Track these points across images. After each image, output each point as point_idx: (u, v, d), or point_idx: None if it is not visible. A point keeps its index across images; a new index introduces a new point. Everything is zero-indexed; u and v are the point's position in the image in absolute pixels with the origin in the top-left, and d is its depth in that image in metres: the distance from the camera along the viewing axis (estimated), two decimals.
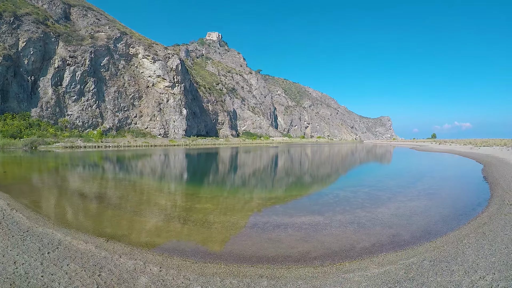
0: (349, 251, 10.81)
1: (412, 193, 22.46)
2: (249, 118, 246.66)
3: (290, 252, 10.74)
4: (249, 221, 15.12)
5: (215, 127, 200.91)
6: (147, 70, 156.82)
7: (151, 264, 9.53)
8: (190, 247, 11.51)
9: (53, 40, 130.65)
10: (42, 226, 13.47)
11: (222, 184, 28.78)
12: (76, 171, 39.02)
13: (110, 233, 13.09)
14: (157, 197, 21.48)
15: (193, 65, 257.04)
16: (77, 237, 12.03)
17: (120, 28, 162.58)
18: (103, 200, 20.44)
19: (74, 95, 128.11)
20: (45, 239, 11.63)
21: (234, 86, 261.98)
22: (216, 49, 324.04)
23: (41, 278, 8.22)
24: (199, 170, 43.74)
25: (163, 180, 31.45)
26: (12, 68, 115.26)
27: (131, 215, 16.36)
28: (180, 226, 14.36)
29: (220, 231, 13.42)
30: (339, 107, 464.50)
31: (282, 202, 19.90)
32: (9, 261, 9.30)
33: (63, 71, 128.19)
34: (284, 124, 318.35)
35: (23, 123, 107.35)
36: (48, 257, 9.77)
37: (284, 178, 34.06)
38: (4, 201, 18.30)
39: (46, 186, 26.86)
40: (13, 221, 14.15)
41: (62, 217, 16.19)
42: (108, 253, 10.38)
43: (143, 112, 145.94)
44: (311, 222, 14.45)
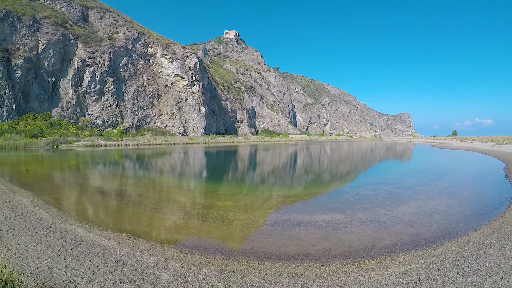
0: (370, 249, 10.75)
1: (433, 191, 22.14)
2: (267, 115, 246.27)
3: (311, 250, 10.71)
4: (270, 218, 15.10)
5: (234, 125, 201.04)
6: (165, 69, 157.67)
7: (173, 261, 9.57)
8: (210, 244, 11.54)
9: (72, 42, 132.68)
10: (65, 222, 13.69)
11: (242, 182, 28.76)
12: (96, 169, 39.46)
13: (132, 230, 13.22)
14: (177, 195, 21.55)
15: (211, 63, 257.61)
16: (99, 234, 12.20)
17: (138, 28, 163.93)
18: (124, 198, 20.63)
19: (94, 95, 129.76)
20: (68, 235, 11.82)
21: (253, 84, 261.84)
22: (233, 47, 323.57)
23: (64, 273, 8.31)
24: (218, 167, 43.92)
25: (183, 178, 31.48)
26: (33, 69, 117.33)
27: (152, 212, 16.47)
28: (201, 223, 14.42)
29: (240, 229, 13.43)
30: (358, 104, 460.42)
31: (302, 199, 19.77)
32: (32, 257, 9.43)
33: (83, 71, 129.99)
34: (303, 122, 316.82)
35: (45, 123, 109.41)
36: (71, 252, 9.92)
37: (304, 176, 33.84)
38: (27, 199, 18.64)
39: (67, 183, 27.18)
40: (36, 217, 14.35)
41: (84, 214, 16.41)
42: (130, 249, 10.50)
43: (163, 111, 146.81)
44: (331, 220, 14.39)
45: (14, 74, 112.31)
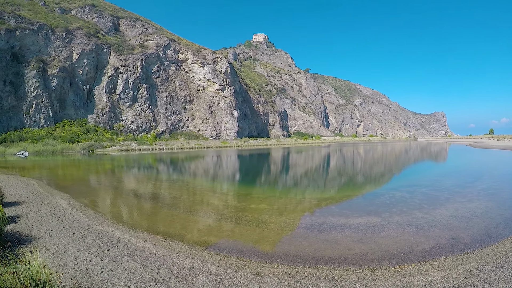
0: (407, 254, 10.59)
1: (471, 193, 21.68)
2: (299, 118, 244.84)
3: (348, 254, 10.63)
4: (305, 221, 15.04)
5: (266, 128, 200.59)
6: (197, 74, 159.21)
7: (209, 263, 9.64)
8: (246, 247, 11.56)
9: (105, 51, 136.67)
10: (102, 224, 14.05)
11: (275, 185, 28.69)
12: (131, 173, 40.34)
13: (167, 232, 13.39)
14: (211, 198, 21.69)
15: (242, 67, 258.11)
16: (135, 236, 12.44)
17: (168, 35, 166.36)
18: (159, 200, 20.97)
19: (128, 101, 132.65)
20: (104, 236, 12.10)
21: (284, 87, 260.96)
22: (263, 50, 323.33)
23: (101, 274, 8.49)
24: (251, 170, 43.89)
25: (216, 181, 31.66)
26: (68, 78, 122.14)
27: (187, 215, 16.65)
28: (236, 226, 14.46)
29: (276, 232, 13.40)
30: (391, 103, 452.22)
31: (337, 202, 19.72)
32: (70, 257, 9.71)
33: (116, 79, 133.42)
34: (335, 123, 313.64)
35: (81, 128, 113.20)
36: (108, 254, 10.15)
37: (338, 178, 33.65)
38: (65, 201, 19.24)
39: (103, 186, 28.00)
40: (74, 219, 14.84)
41: (120, 216, 16.80)
42: (166, 251, 10.63)
43: (195, 115, 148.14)
44: (367, 224, 14.25)
45: (50, 83, 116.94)
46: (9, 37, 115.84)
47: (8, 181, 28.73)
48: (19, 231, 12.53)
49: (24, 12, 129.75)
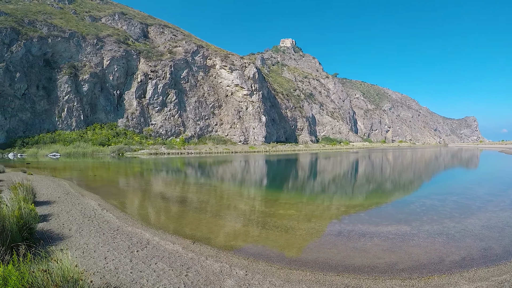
0: (437, 264, 10.38)
1: (504, 202, 21.12)
2: (328, 123, 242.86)
3: (377, 263, 10.49)
4: (334, 228, 14.97)
5: (294, 133, 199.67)
6: (225, 80, 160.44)
7: (237, 268, 9.63)
8: (274, 253, 11.56)
9: (135, 57, 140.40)
10: (131, 226, 14.22)
11: (304, 191, 28.57)
12: (159, 176, 40.95)
13: (196, 235, 13.53)
14: (238, 202, 21.86)
15: (270, 72, 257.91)
16: (164, 238, 12.52)
17: (196, 42, 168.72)
18: (186, 204, 21.28)
19: (157, 106, 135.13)
20: (134, 238, 12.23)
21: (312, 92, 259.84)
22: (291, 55, 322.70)
23: (130, 274, 8.57)
24: (279, 176, 43.86)
25: (244, 185, 31.71)
26: (99, 84, 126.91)
27: (216, 219, 16.78)
28: (264, 231, 14.47)
29: (304, 238, 13.39)
30: (420, 108, 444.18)
31: (367, 209, 19.57)
32: (100, 256, 9.81)
33: (146, 84, 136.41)
34: (364, 129, 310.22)
35: (111, 132, 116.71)
36: (137, 255, 10.24)
37: (366, 185, 33.36)
38: (95, 202, 19.47)
39: (132, 188, 28.59)
40: (104, 220, 15.00)
41: (148, 218, 17.11)
42: (194, 254, 10.68)
43: (223, 120, 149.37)
44: (397, 232, 14.05)
45: (82, 88, 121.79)
46: (41, 44, 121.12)
47: (40, 181, 29.13)
48: (50, 230, 12.74)
49: (55, 20, 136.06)
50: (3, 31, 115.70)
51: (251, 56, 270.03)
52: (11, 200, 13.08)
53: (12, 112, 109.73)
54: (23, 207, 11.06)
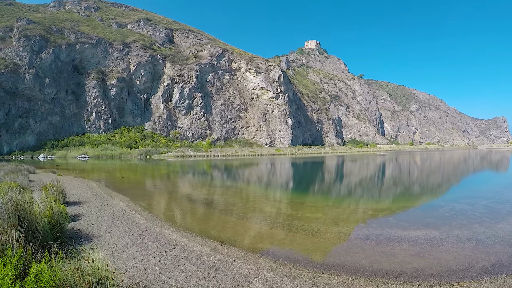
0: (467, 270, 10.21)
1: None
2: (354, 125, 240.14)
3: (405, 268, 10.39)
4: (362, 232, 14.90)
5: (321, 136, 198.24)
6: (250, 83, 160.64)
7: (265, 270, 9.66)
8: (302, 256, 11.57)
9: (161, 62, 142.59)
10: (159, 227, 14.43)
11: (331, 194, 28.46)
12: (186, 178, 41.62)
13: (223, 237, 13.60)
14: (265, 205, 21.92)
15: (295, 75, 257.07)
16: (192, 239, 12.68)
17: (221, 45, 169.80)
18: (214, 206, 21.45)
19: (184, 110, 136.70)
20: (162, 239, 12.41)
21: (338, 93, 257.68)
22: (315, 57, 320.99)
23: (158, 274, 8.69)
24: (305, 178, 43.70)
25: (271, 188, 31.70)
26: (126, 88, 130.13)
27: (243, 221, 16.87)
28: (291, 234, 14.47)
29: (332, 242, 13.39)
30: (448, 109, 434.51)
31: (395, 213, 19.39)
32: (129, 256, 10.06)
33: (172, 88, 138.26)
34: (391, 130, 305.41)
35: (138, 135, 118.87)
36: (165, 255, 10.39)
37: (394, 188, 33.07)
38: (124, 203, 19.94)
39: (160, 190, 29.04)
40: (132, 221, 15.33)
41: (176, 219, 17.34)
42: (222, 256, 10.76)
43: (249, 123, 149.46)
44: (426, 237, 13.86)
45: (109, 93, 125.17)
46: (69, 50, 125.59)
47: (70, 182, 29.88)
48: (80, 229, 13.03)
49: (82, 27, 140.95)
50: (32, 38, 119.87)
51: (276, 59, 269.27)
52: (42, 201, 13.10)
53: (42, 116, 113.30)
54: (54, 207, 11.26)
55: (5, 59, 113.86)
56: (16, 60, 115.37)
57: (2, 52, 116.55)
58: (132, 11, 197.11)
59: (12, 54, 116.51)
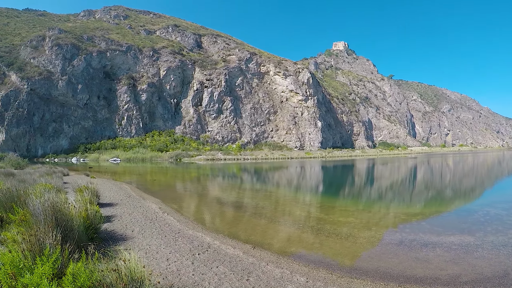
0: (502, 278, 9.89)
1: None
2: (385, 127, 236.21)
3: (439, 274, 10.20)
4: (395, 237, 14.73)
5: (351, 138, 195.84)
6: (279, 86, 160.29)
7: (298, 274, 9.59)
8: (335, 260, 11.54)
9: (190, 67, 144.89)
10: (192, 229, 14.57)
11: (362, 198, 28.27)
12: (216, 181, 42.21)
13: (254, 240, 13.66)
14: (296, 208, 21.87)
15: (324, 77, 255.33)
16: (224, 242, 12.69)
17: (249, 49, 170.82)
18: (245, 209, 21.63)
19: (213, 113, 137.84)
20: (195, 241, 12.50)
21: (367, 95, 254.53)
22: (344, 58, 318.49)
23: (192, 276, 8.75)
24: (336, 182, 43.59)
25: (301, 192, 31.52)
26: (157, 93, 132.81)
27: (275, 225, 16.90)
28: (324, 238, 14.39)
29: (365, 246, 13.27)
30: (481, 109, 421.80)
31: (428, 218, 19.12)
32: (162, 258, 10.16)
33: (202, 92, 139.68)
34: (422, 132, 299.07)
35: (169, 138, 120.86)
36: (198, 258, 10.46)
37: (427, 192, 32.45)
38: (156, 205, 20.17)
39: (190, 193, 29.56)
40: (165, 223, 15.46)
41: (208, 222, 17.61)
42: (255, 259, 10.75)
43: (279, 126, 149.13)
44: (460, 243, 13.56)
45: (140, 97, 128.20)
46: (100, 57, 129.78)
47: (103, 184, 30.59)
48: (114, 230, 13.27)
49: (112, 35, 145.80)
50: (64, 47, 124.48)
51: (304, 61, 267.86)
52: (77, 202, 13.51)
53: (75, 120, 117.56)
54: (89, 209, 11.55)
55: (38, 67, 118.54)
56: (49, 68, 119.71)
57: (36, 60, 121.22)
58: (160, 18, 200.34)
59: (45, 62, 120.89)
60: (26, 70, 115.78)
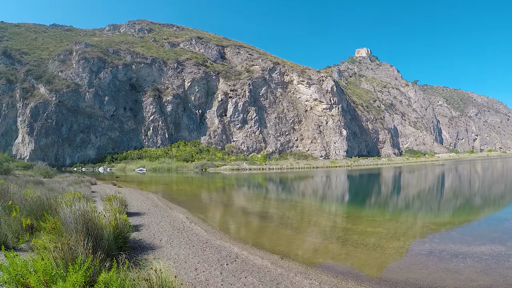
0: None
1: None
2: (411, 134, 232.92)
3: (470, 286, 10.02)
4: (424, 248, 14.51)
5: (376, 146, 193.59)
6: (303, 95, 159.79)
7: (326, 285, 9.50)
8: (363, 271, 11.43)
9: (214, 78, 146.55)
10: (219, 239, 14.62)
11: (389, 207, 28.04)
12: (242, 191, 42.22)
13: (283, 251, 13.61)
14: (324, 219, 21.88)
15: (347, 84, 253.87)
16: (252, 253, 12.69)
17: (272, 59, 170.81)
18: (271, 219, 21.64)
19: (238, 124, 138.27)
20: (223, 251, 12.48)
21: (392, 101, 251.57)
22: (367, 65, 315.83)
23: (220, 286, 8.72)
24: (362, 191, 43.21)
25: (327, 201, 31.44)
26: (182, 104, 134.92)
27: (302, 235, 16.90)
28: (351, 248, 14.28)
29: (393, 257, 13.16)
30: (509, 111, 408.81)
31: (457, 227, 18.79)
32: (190, 267, 10.21)
33: (226, 103, 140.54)
34: (449, 138, 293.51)
35: (194, 149, 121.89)
36: (226, 268, 10.45)
37: (456, 201, 31.95)
38: (183, 215, 20.37)
39: (216, 203, 29.71)
40: (193, 232, 15.59)
41: (235, 232, 17.70)
42: (283, 270, 10.71)
43: (304, 135, 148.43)
44: (491, 253, 13.24)
45: (166, 109, 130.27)
46: (126, 70, 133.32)
47: (130, 193, 30.95)
48: (142, 239, 13.36)
49: (137, 48, 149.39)
50: (91, 60, 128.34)
51: (327, 69, 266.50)
52: (106, 211, 13.63)
53: (102, 131, 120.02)
54: (118, 218, 11.70)
55: (66, 80, 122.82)
56: (76, 81, 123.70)
57: (64, 74, 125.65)
58: (183, 30, 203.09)
59: (72, 75, 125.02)
60: (54, 83, 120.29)
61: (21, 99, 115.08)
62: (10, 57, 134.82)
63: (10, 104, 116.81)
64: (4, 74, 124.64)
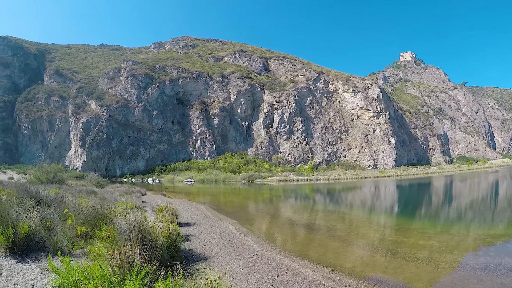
0: None
1: None
2: (461, 140, 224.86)
3: None
4: (478, 261, 14.06)
5: (426, 154, 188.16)
6: (349, 103, 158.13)
7: None
8: (416, 286, 11.14)
9: (259, 90, 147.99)
10: (269, 251, 14.64)
11: (441, 219, 27.38)
12: (289, 202, 42.26)
13: (333, 264, 13.50)
14: (372, 231, 21.58)
15: (393, 90, 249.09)
16: (303, 265, 12.63)
17: (315, 68, 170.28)
18: (319, 230, 21.62)
19: (285, 135, 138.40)
20: (273, 263, 12.51)
21: (441, 106, 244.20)
22: (412, 69, 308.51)
23: None
24: (412, 202, 42.56)
25: (375, 213, 31.17)
26: (228, 116, 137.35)
27: (352, 248, 16.69)
28: (403, 262, 14.01)
29: (447, 271, 12.82)
30: None
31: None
32: (241, 278, 10.34)
33: (272, 114, 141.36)
34: (502, 143, 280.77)
35: (241, 160, 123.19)
36: (277, 280, 10.50)
37: (510, 211, 30.68)
38: (233, 226, 20.68)
39: (264, 214, 29.82)
40: (243, 244, 15.69)
41: (284, 243, 17.69)
42: (335, 283, 10.62)
43: (351, 145, 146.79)
44: None
45: (212, 121, 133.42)
46: (173, 85, 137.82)
47: (180, 204, 31.53)
48: (193, 249, 13.63)
49: (183, 64, 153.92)
50: (139, 77, 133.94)
51: (372, 76, 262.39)
52: (158, 221, 13.98)
53: (151, 144, 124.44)
54: (170, 228, 11.97)
55: (116, 96, 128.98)
56: (125, 96, 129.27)
57: (113, 90, 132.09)
58: (227, 44, 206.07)
59: (121, 91, 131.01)
60: (104, 98, 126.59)
61: (73, 114, 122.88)
62: (62, 76, 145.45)
63: (63, 119, 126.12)
64: (57, 92, 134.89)
